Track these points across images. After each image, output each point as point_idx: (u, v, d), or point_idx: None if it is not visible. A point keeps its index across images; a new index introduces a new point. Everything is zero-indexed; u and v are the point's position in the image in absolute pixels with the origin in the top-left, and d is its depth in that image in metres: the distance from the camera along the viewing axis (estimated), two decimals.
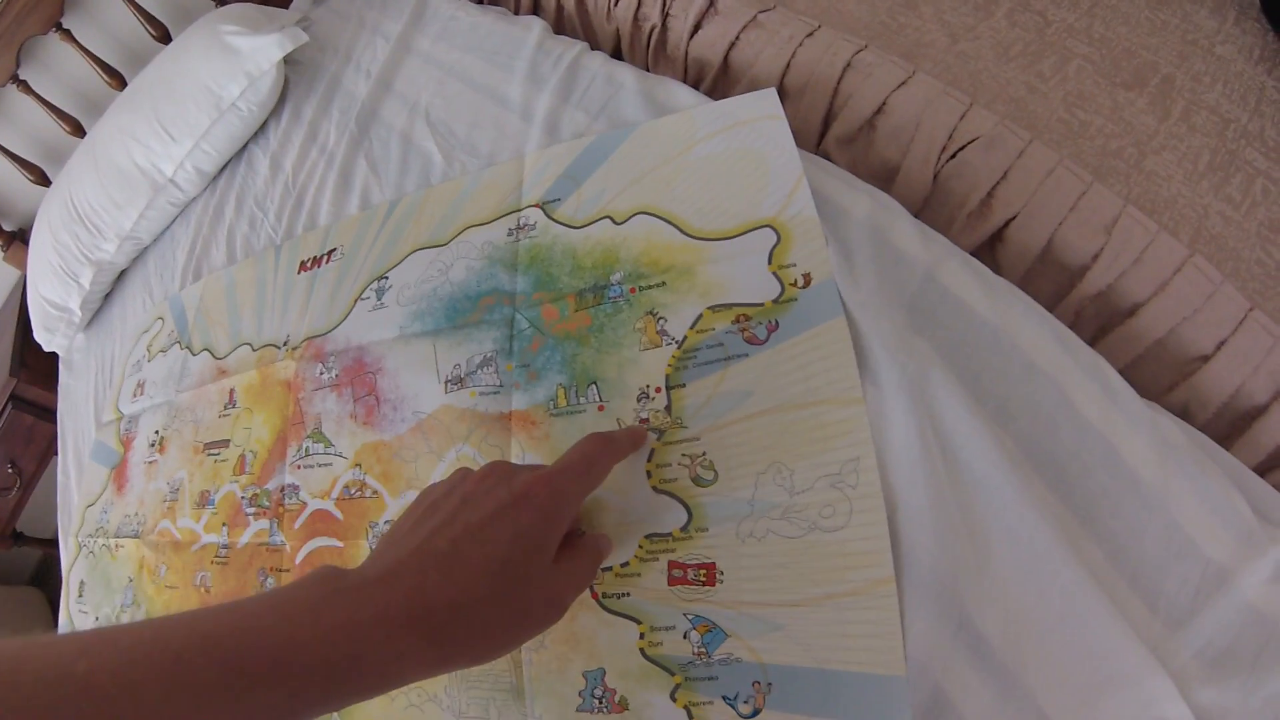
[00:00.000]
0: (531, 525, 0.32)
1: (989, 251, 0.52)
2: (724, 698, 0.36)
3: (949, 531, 0.35)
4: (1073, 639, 0.34)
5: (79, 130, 1.10)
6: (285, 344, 0.63)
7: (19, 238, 1.16)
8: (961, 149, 0.51)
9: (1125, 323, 0.48)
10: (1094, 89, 0.56)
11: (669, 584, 0.39)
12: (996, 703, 0.34)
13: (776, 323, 0.40)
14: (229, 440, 0.63)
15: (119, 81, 1.10)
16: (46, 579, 1.58)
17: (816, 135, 0.57)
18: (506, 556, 0.30)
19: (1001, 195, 0.50)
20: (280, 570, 0.55)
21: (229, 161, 0.88)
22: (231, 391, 0.65)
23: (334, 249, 0.63)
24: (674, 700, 0.37)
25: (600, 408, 0.43)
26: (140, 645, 0.23)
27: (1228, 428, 0.46)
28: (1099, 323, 0.49)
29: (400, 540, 0.32)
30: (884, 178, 0.54)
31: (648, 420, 0.42)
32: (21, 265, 1.13)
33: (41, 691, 0.21)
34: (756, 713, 0.36)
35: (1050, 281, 0.50)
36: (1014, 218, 0.49)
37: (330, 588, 0.28)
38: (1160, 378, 0.48)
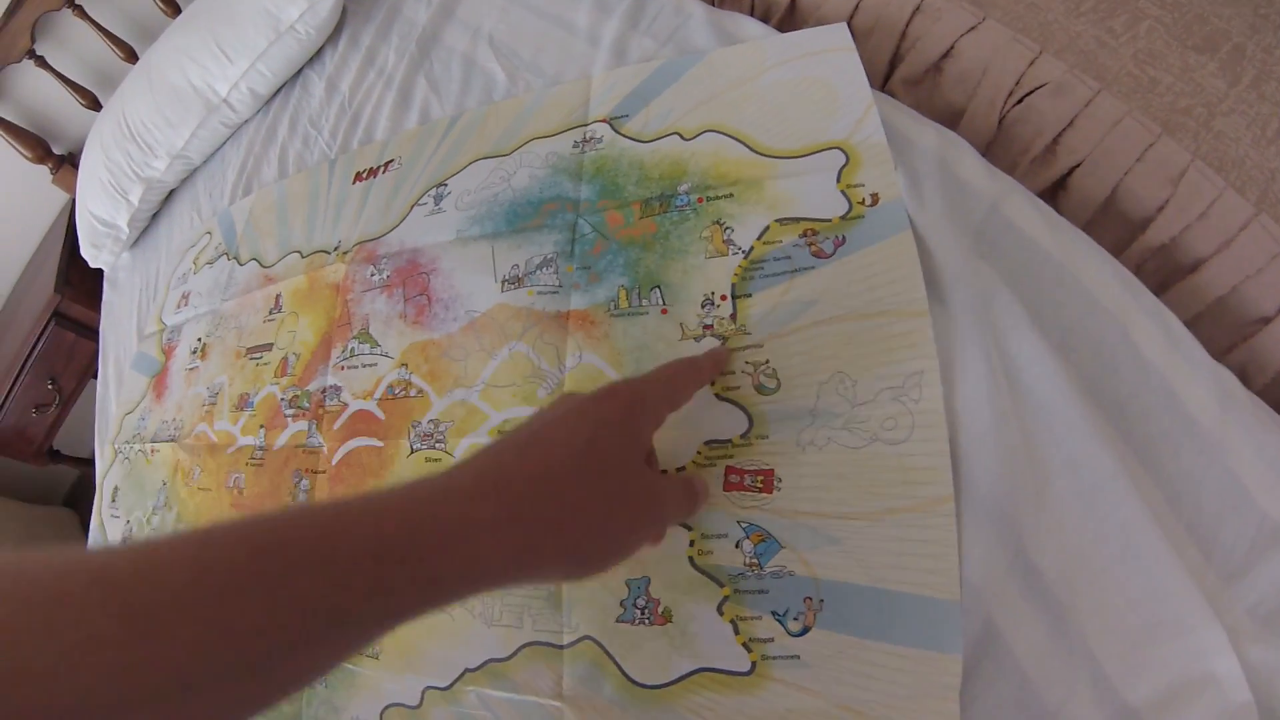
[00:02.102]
0: (615, 413, 0.30)
1: (1051, 199, 0.51)
2: (773, 613, 0.35)
3: (1010, 456, 0.34)
4: (1128, 579, 0.33)
5: (132, 56, 1.12)
6: (336, 249, 0.63)
7: (68, 161, 1.18)
8: (1029, 94, 0.51)
9: (1187, 278, 0.47)
10: (1164, 49, 0.56)
11: (725, 489, 0.38)
12: (1047, 641, 0.33)
13: (844, 238, 0.40)
14: (272, 344, 0.64)
15: (174, 9, 1.11)
16: (80, 501, 1.59)
17: (882, 77, 0.57)
18: (592, 436, 0.29)
19: (1067, 142, 0.50)
20: (316, 471, 0.56)
21: (283, 86, 0.88)
22: (278, 297, 0.66)
23: (391, 160, 0.64)
24: (720, 614, 0.36)
25: (664, 311, 0.43)
26: (164, 537, 0.21)
27: None
28: (1160, 277, 0.49)
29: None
30: (948, 121, 0.53)
31: (712, 326, 0.42)
32: (70, 189, 1.14)
33: (50, 582, 0.18)
34: (805, 630, 0.34)
35: (1112, 232, 0.49)
36: (1079, 165, 0.49)
37: (386, 487, 0.25)
38: (1218, 339, 0.47)
